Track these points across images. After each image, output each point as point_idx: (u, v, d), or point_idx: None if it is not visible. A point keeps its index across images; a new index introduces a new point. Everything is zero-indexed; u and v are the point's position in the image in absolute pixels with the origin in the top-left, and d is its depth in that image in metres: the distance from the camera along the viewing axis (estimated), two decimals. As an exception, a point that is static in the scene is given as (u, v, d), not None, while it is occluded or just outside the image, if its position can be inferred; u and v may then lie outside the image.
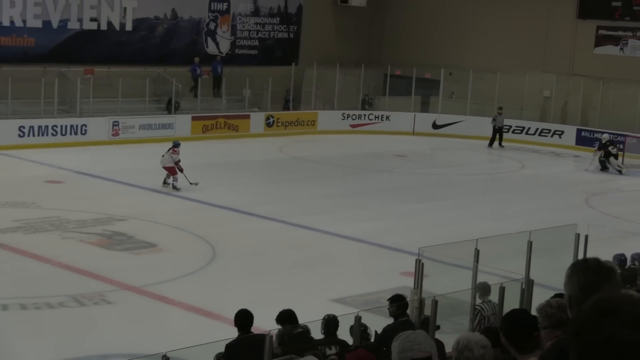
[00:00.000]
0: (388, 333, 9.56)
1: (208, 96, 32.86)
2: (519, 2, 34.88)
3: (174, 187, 22.35)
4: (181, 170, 22.33)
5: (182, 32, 33.28)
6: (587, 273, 3.25)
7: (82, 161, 25.49)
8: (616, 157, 28.39)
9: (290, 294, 14.13)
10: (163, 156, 22.52)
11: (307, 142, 31.77)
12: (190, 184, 22.39)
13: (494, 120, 32.49)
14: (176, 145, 22.86)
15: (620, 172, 28.01)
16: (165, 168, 22.47)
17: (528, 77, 33.88)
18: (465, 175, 27.47)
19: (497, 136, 32.45)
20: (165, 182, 22.61)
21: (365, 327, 9.83)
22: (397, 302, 10.48)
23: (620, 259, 13.91)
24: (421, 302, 11.28)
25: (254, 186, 23.88)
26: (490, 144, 32.43)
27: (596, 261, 3.34)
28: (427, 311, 10.73)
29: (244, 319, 9.31)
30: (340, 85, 35.16)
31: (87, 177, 23.76)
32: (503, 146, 32.30)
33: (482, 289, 11.64)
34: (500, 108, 32.64)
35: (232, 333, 9.32)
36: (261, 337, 8.46)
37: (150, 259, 16.62)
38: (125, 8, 31.50)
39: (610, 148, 28.42)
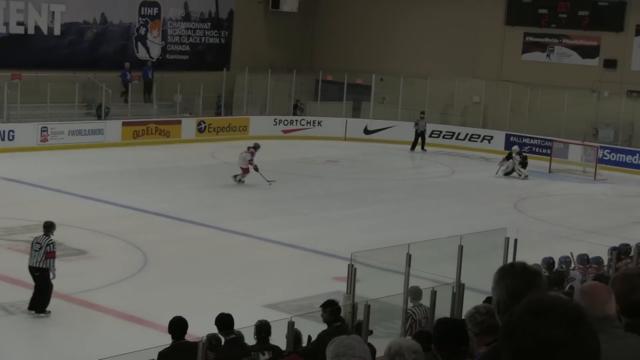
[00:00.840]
0: (323, 339, 9.57)
1: (139, 102, 32.54)
2: (449, 9, 35.33)
3: (240, 181, 24.63)
4: (256, 169, 24.31)
5: (112, 37, 32.89)
6: (514, 278, 3.31)
7: (10, 167, 25.00)
8: (524, 165, 28.87)
9: (223, 300, 14.07)
10: (241, 154, 24.84)
11: (239, 148, 31.53)
12: (268, 181, 24.30)
13: (416, 124, 32.87)
14: (255, 147, 24.85)
15: (525, 177, 28.55)
16: (241, 167, 24.70)
17: (458, 82, 34.33)
18: (396, 180, 27.69)
19: (420, 140, 32.80)
20: (236, 179, 24.70)
21: (299, 333, 9.84)
22: (330, 308, 10.51)
23: (549, 262, 14.17)
24: (354, 307, 11.34)
25: (185, 192, 23.71)
26: (413, 148, 32.76)
27: (522, 266, 3.39)
28: (360, 316, 10.79)
29: (177, 326, 9.26)
30: (272, 90, 35.16)
31: (15, 184, 23.31)
32: (425, 150, 32.65)
33: (414, 294, 11.75)
34: (423, 112, 32.99)
35: (165, 340, 9.24)
36: (194, 344, 8.42)
37: (81, 266, 16.37)
38: (53, 12, 31.02)
39: (518, 157, 28.89)
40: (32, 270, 13.49)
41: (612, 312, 3.84)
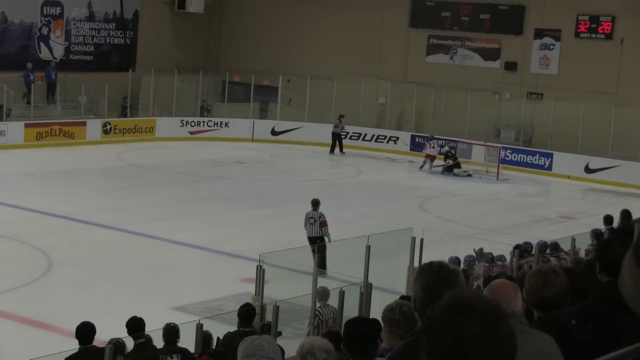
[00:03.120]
0: (232, 340, 9.59)
1: (42, 103, 31.84)
2: (354, 11, 35.64)
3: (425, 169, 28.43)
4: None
5: (13, 37, 32.12)
6: (430, 276, 3.38)
7: None
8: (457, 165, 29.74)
9: (130, 303, 13.90)
10: (432, 147, 28.69)
11: (145, 149, 31.32)
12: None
13: (336, 126, 32.90)
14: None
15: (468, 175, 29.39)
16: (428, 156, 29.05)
17: (364, 84, 34.67)
18: (304, 181, 27.81)
19: (338, 142, 32.96)
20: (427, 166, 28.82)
21: (209, 335, 9.83)
22: (244, 308, 10.56)
23: (454, 261, 14.45)
24: (262, 308, 11.37)
25: (91, 194, 23.32)
26: (332, 151, 32.92)
27: (439, 264, 3.46)
28: (269, 317, 10.82)
29: (84, 331, 9.14)
30: (179, 91, 34.89)
31: None
32: (344, 152, 32.81)
33: (321, 294, 11.85)
34: (342, 115, 33.08)
35: (70, 345, 9.10)
36: (101, 349, 8.32)
37: (-19, 271, 15.94)
38: (-50, 10, 30.13)
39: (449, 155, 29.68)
40: None
41: (518, 308, 3.97)
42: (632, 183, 27.13)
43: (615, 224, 16.94)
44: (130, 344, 9.34)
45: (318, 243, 16.18)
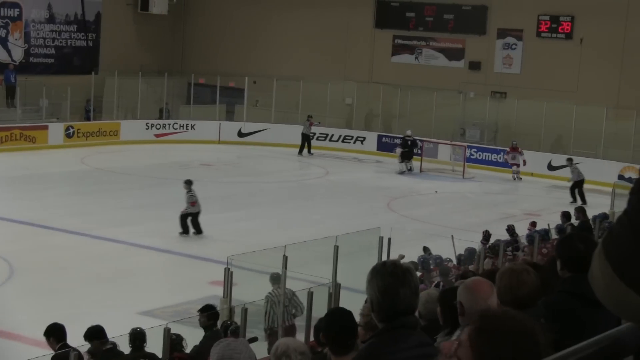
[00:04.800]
0: (204, 344, 9.49)
1: (1, 106, 31.44)
2: (320, 12, 35.61)
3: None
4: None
5: (-29, 39, 31.70)
6: (386, 277, 3.35)
7: None
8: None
9: (96, 309, 13.71)
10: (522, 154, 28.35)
11: (110, 153, 31.01)
12: None
13: (311, 124, 32.77)
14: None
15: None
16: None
17: (330, 85, 34.66)
18: (271, 183, 27.70)
19: (307, 144, 32.81)
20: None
21: (180, 338, 9.71)
22: (208, 312, 10.43)
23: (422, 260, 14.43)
24: (231, 311, 11.27)
25: (53, 199, 23.02)
26: (300, 152, 32.80)
27: (393, 264, 3.44)
28: (237, 319, 10.71)
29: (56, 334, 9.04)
30: (143, 94, 34.61)
31: None
32: (312, 153, 32.71)
33: (274, 279, 12.26)
34: (310, 116, 32.96)
35: (34, 354, 8.92)
36: (65, 355, 8.17)
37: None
38: None
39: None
40: None
41: (494, 306, 3.95)
42: (593, 179, 27.36)
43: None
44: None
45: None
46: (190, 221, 19.67)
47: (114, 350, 9.40)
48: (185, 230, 19.60)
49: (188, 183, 20.03)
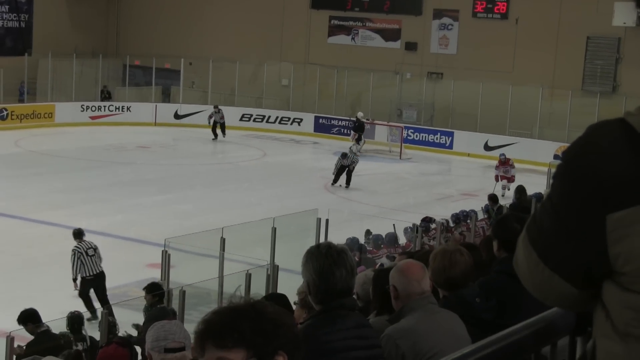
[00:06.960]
0: (150, 321, 9.51)
1: None
2: (256, -7, 35.46)
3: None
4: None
5: None
6: (320, 258, 3.40)
7: None
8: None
9: (32, 292, 13.60)
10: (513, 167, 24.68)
11: (44, 135, 30.58)
12: None
13: (211, 117, 31.67)
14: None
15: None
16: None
17: (267, 66, 34.57)
18: (208, 165, 27.62)
19: (221, 130, 31.78)
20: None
21: (114, 322, 9.72)
22: (154, 291, 10.49)
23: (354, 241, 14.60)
24: (169, 293, 11.29)
25: (-13, 183, 22.66)
26: (215, 137, 31.83)
27: (327, 246, 3.48)
28: (175, 301, 10.75)
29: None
30: (78, 76, 34.13)
31: None
32: (224, 136, 31.69)
33: (75, 235, 13.69)
34: (216, 106, 31.95)
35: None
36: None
37: None
38: None
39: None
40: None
41: (428, 288, 4.03)
42: (529, 159, 27.84)
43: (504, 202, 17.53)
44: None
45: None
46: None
47: (49, 333, 9.38)
48: None
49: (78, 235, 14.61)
